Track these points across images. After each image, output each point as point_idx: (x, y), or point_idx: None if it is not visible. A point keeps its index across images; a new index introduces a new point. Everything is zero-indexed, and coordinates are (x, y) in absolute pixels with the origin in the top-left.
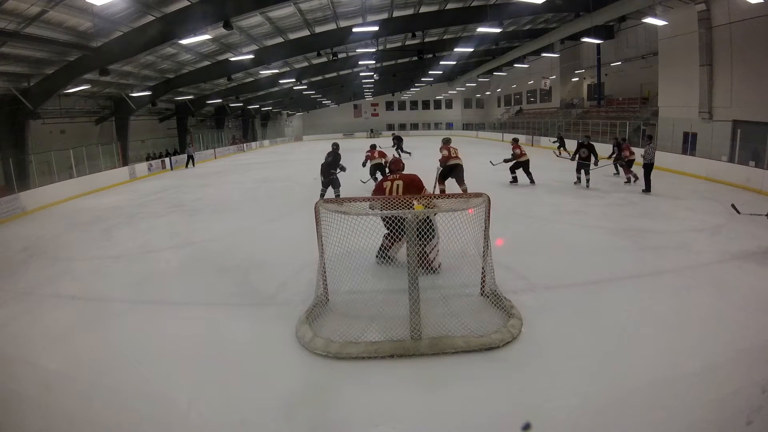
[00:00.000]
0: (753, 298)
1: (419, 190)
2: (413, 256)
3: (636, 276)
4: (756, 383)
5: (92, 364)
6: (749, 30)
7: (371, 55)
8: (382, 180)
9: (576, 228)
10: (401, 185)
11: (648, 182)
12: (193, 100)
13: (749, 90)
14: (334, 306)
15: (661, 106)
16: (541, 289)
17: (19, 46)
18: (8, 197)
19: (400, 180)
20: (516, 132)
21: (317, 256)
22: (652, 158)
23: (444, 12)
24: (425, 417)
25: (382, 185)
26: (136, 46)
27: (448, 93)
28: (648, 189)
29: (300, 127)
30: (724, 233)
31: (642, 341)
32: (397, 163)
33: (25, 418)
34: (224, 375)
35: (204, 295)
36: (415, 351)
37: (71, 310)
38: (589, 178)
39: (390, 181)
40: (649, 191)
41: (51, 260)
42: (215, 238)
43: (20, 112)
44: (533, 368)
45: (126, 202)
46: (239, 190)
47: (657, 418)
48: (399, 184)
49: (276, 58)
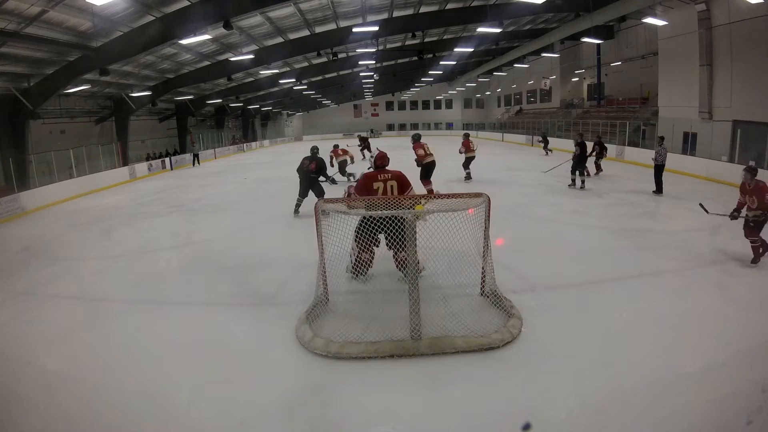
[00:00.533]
0: (753, 298)
1: (408, 187)
2: (413, 256)
3: (636, 276)
4: (756, 383)
5: (92, 364)
6: (749, 30)
7: (371, 55)
8: (368, 179)
9: (576, 228)
10: (395, 186)
11: (659, 184)
12: (193, 100)
13: (749, 90)
14: (334, 306)
15: (661, 106)
16: (541, 289)
17: (19, 46)
18: (8, 197)
19: (393, 180)
20: (516, 132)
21: (317, 256)
22: (664, 160)
23: (444, 12)
24: (425, 417)
25: (371, 185)
26: (136, 46)
27: (448, 93)
28: (659, 191)
29: (300, 127)
30: (724, 233)
31: (642, 341)
32: (383, 158)
33: (25, 418)
34: (224, 375)
35: (204, 295)
36: (415, 351)
37: (71, 310)
38: (584, 179)
39: (381, 181)
40: (661, 193)
41: (51, 260)
42: (215, 238)
43: (20, 112)
44: (533, 368)
45: (126, 202)
46: (239, 190)
47: (657, 418)
48: (393, 185)
49: (276, 58)
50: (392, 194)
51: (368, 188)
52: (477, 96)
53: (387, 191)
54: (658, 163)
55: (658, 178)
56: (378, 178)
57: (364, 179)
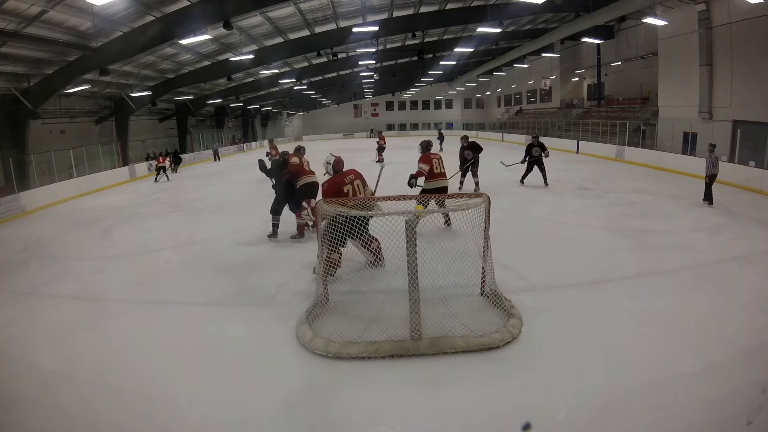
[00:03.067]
0: (753, 298)
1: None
2: (413, 256)
3: (636, 276)
4: (756, 383)
5: (92, 364)
6: (749, 30)
7: (371, 55)
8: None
9: (576, 228)
10: (360, 184)
11: (709, 194)
12: (193, 100)
13: (749, 90)
14: (334, 306)
15: (661, 106)
16: (541, 289)
17: (19, 46)
18: (8, 197)
19: (357, 179)
20: (516, 132)
21: (317, 255)
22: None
23: (444, 12)
24: (425, 417)
25: (341, 189)
26: (136, 46)
27: (448, 93)
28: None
29: (300, 127)
30: (724, 233)
31: (642, 341)
32: (341, 162)
33: (25, 418)
34: (224, 375)
35: (204, 295)
36: (415, 351)
37: (71, 310)
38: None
39: (349, 183)
40: (712, 203)
41: (51, 260)
42: (215, 238)
43: (20, 112)
44: (533, 368)
45: (126, 202)
46: (239, 190)
47: (657, 418)
48: (358, 184)
49: (276, 58)
50: (362, 193)
51: (338, 192)
52: (477, 96)
53: (356, 191)
54: (713, 173)
55: (708, 188)
56: (345, 181)
57: (331, 184)
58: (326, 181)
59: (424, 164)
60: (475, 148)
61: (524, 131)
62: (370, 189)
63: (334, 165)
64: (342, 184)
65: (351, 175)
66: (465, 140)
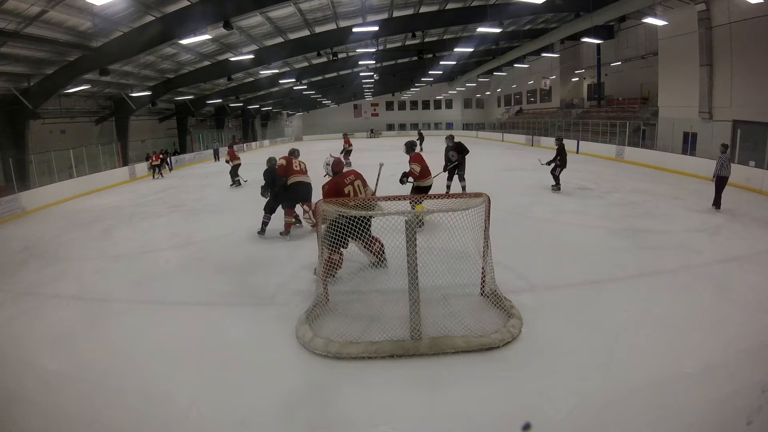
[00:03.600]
0: (753, 298)
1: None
2: (413, 256)
3: (636, 276)
4: (756, 383)
5: (92, 364)
6: (749, 30)
7: (371, 55)
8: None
9: (576, 228)
10: (360, 184)
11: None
12: (193, 100)
13: (749, 90)
14: (334, 306)
15: (661, 106)
16: (541, 289)
17: (19, 46)
18: (8, 197)
19: (357, 180)
20: (516, 132)
21: (317, 256)
22: (727, 171)
23: (444, 12)
24: (425, 417)
25: (342, 189)
26: (136, 46)
27: (448, 93)
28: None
29: (300, 127)
30: (724, 233)
31: (642, 341)
32: (341, 163)
33: (25, 418)
34: (224, 375)
35: (204, 295)
36: (415, 351)
37: (71, 310)
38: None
39: (350, 184)
40: (719, 208)
41: (51, 260)
42: (215, 238)
43: (20, 112)
44: (533, 368)
45: (126, 202)
46: (239, 191)
47: (657, 418)
48: (359, 184)
49: (276, 58)
50: (362, 193)
51: (339, 193)
52: (477, 96)
53: (357, 191)
54: (722, 175)
55: (719, 191)
56: (346, 182)
57: (332, 186)
58: (327, 182)
59: (416, 164)
60: (461, 149)
61: (524, 131)
62: (371, 189)
63: (334, 166)
64: (342, 185)
65: (351, 175)
66: (450, 140)
